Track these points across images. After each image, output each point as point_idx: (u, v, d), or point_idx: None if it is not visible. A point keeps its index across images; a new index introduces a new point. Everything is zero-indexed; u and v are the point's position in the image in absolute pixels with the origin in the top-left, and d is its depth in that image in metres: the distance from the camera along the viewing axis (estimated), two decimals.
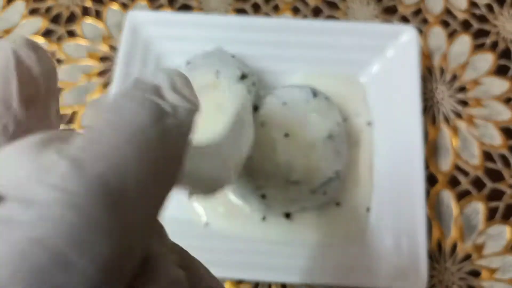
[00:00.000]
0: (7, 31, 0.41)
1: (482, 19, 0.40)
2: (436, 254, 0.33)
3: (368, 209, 0.32)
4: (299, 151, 0.29)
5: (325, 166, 0.30)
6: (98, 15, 0.41)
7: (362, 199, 0.33)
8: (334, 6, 0.41)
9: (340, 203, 0.33)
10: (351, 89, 0.35)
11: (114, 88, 0.34)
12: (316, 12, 0.41)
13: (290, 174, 0.29)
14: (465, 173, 0.35)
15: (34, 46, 0.13)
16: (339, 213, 0.32)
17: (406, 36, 0.35)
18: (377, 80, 0.35)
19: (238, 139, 0.23)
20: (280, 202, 0.31)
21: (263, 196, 0.30)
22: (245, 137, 0.24)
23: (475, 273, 0.32)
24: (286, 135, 0.30)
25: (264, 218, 0.33)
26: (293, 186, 0.29)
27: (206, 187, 0.18)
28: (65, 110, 0.37)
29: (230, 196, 0.33)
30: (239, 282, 0.32)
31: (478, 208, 0.34)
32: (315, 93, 0.31)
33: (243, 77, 0.32)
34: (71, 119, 0.37)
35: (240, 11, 0.41)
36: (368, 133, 0.34)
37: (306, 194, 0.30)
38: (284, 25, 0.36)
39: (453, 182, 0.35)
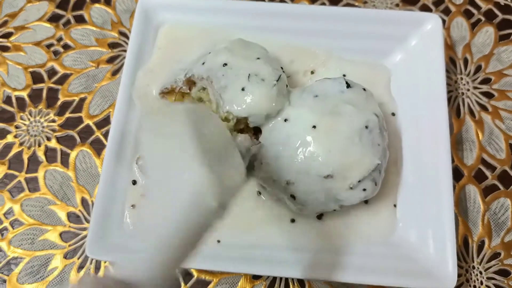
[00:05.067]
0: (12, 16, 0.39)
1: (506, 9, 0.38)
2: (462, 252, 0.31)
3: (395, 205, 0.31)
4: (331, 143, 0.27)
5: (362, 159, 0.27)
6: (107, 0, 0.39)
7: (388, 195, 0.31)
8: None
9: (368, 201, 0.31)
10: (374, 78, 0.34)
11: (124, 75, 0.32)
12: (334, 1, 0.39)
13: (321, 168, 0.27)
14: (492, 168, 0.33)
15: None
16: (367, 211, 0.30)
17: (430, 24, 0.33)
18: (401, 69, 0.34)
19: None
20: (312, 203, 0.28)
21: (293, 197, 0.28)
22: None
23: (505, 273, 0.30)
24: (314, 127, 0.28)
25: (293, 221, 0.31)
26: (327, 183, 0.27)
27: None
28: (72, 98, 0.36)
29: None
30: (255, 278, 0.31)
31: (506, 204, 0.32)
32: (349, 84, 0.29)
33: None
34: (78, 106, 0.35)
35: None
36: (393, 124, 0.33)
37: (344, 191, 0.27)
38: (304, 11, 0.34)
39: (479, 177, 0.33)
